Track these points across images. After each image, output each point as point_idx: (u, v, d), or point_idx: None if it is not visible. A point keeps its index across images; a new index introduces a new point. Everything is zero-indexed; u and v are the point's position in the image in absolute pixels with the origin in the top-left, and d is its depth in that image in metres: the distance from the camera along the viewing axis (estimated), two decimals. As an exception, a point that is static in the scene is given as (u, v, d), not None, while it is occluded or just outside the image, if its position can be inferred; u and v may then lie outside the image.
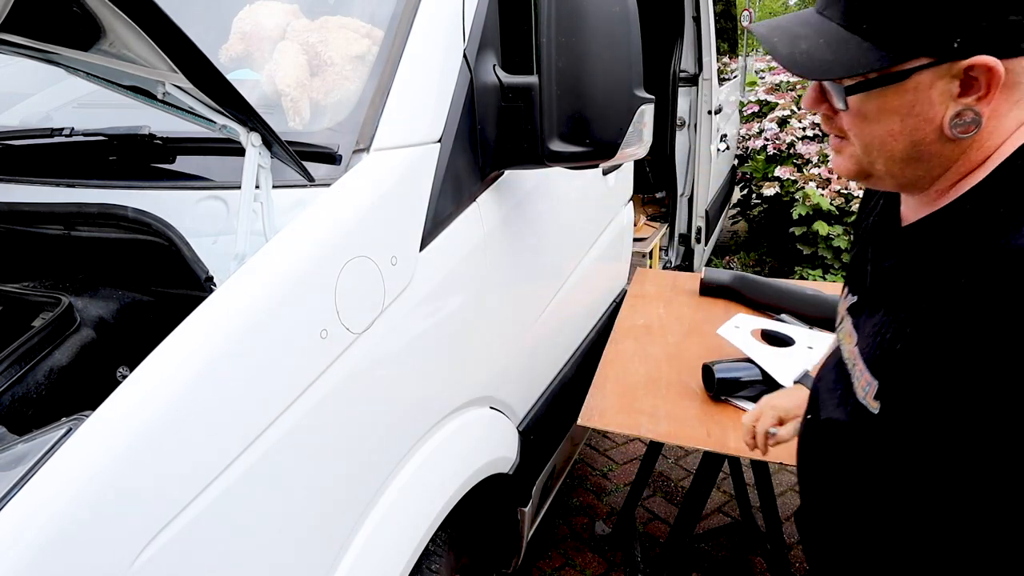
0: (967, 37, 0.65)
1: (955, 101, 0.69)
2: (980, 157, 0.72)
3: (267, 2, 1.37)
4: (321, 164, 1.11)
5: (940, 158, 0.73)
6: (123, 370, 1.07)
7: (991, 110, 0.69)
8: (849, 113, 0.75)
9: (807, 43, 0.74)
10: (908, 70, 0.68)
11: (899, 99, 0.70)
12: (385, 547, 1.08)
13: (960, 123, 0.69)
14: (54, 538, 0.67)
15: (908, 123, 0.71)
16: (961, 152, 0.72)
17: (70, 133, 1.22)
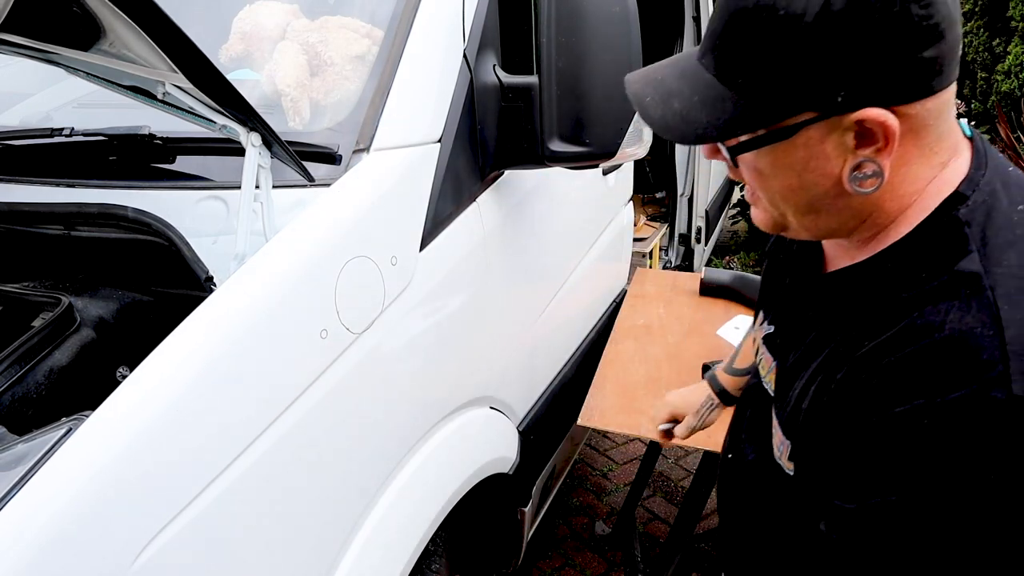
0: (851, 89, 0.60)
1: (853, 154, 0.63)
2: (897, 207, 0.67)
3: (267, 2, 1.37)
4: (321, 164, 1.11)
5: (851, 211, 0.68)
6: (123, 370, 1.08)
7: (899, 158, 0.63)
8: (745, 169, 0.69)
9: (680, 102, 0.67)
10: (793, 126, 0.62)
11: (790, 155, 0.65)
12: (385, 547, 1.08)
13: (861, 176, 0.64)
14: (54, 538, 0.67)
15: (807, 178, 0.66)
16: (872, 203, 0.67)
17: (70, 133, 1.22)
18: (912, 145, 0.63)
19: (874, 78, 0.59)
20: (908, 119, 0.61)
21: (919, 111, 0.61)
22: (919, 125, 0.62)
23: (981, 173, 0.66)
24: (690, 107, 0.66)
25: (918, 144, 0.64)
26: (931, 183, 0.66)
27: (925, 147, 0.64)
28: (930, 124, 0.63)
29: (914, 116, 0.61)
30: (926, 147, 0.64)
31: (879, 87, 0.60)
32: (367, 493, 1.06)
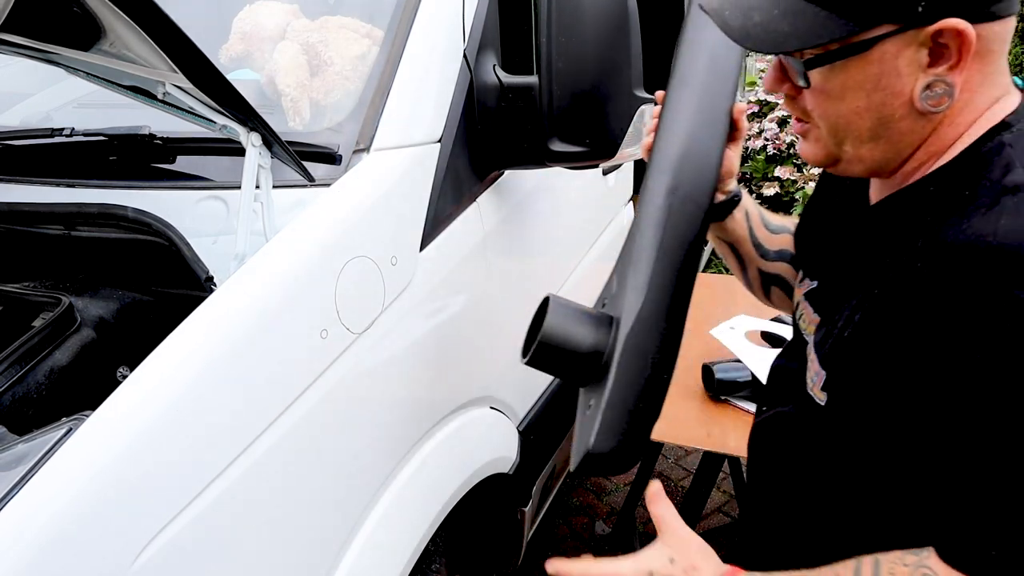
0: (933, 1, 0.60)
1: (924, 72, 0.64)
2: (952, 135, 0.68)
3: (267, 2, 1.37)
4: (321, 164, 1.11)
5: (910, 136, 0.68)
6: (123, 370, 1.08)
7: (964, 81, 0.64)
8: (811, 91, 0.70)
9: (761, 15, 0.68)
10: (871, 39, 0.63)
11: (863, 72, 0.65)
12: (385, 547, 1.08)
13: (932, 95, 0.64)
14: (54, 538, 0.67)
15: (875, 98, 0.66)
16: (932, 129, 0.68)
17: (70, 133, 1.22)
18: (977, 71, 0.64)
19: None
20: (979, 40, 0.62)
21: (988, 33, 0.62)
22: (986, 49, 0.63)
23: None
24: (770, 19, 0.67)
25: (982, 71, 0.65)
26: (983, 113, 0.67)
27: (987, 76, 0.66)
28: (995, 50, 0.64)
29: (983, 38, 0.62)
30: (987, 76, 0.66)
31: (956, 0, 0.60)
32: (367, 493, 1.06)
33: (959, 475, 0.63)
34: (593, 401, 0.87)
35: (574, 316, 0.90)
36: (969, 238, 0.61)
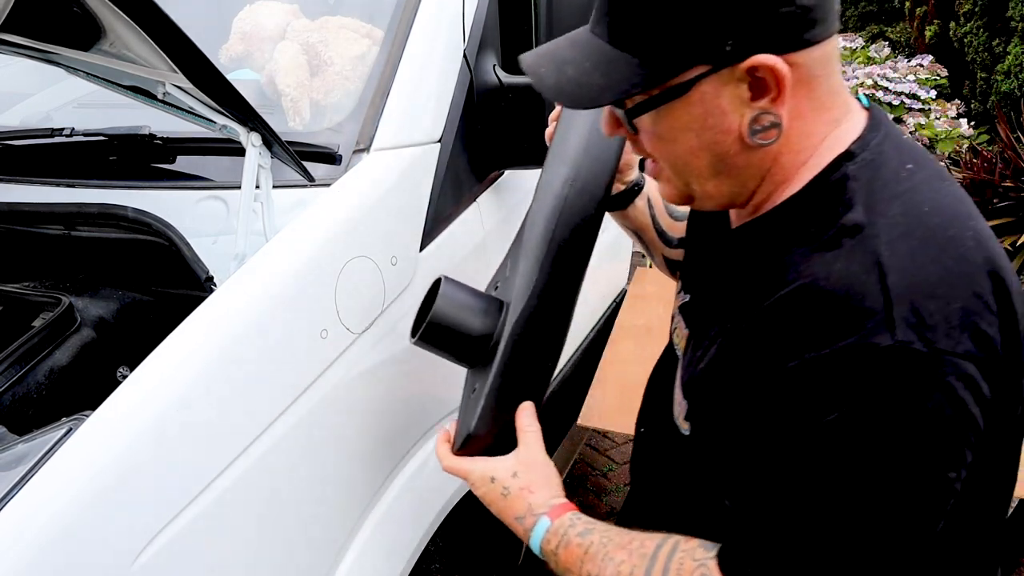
0: (739, 37, 0.59)
1: (749, 106, 0.62)
2: (795, 163, 0.67)
3: (267, 2, 1.38)
4: (321, 164, 1.11)
5: (751, 169, 0.67)
6: (123, 370, 1.08)
7: (793, 110, 0.63)
8: (645, 135, 0.69)
9: (574, 68, 0.66)
10: (688, 82, 0.62)
11: (688, 113, 0.64)
12: (385, 547, 1.08)
13: (760, 129, 0.63)
14: (54, 538, 0.67)
15: (706, 137, 0.65)
16: (772, 159, 0.66)
17: (70, 133, 1.22)
18: (804, 97, 0.63)
19: (759, 24, 0.59)
20: (796, 68, 0.61)
21: (805, 60, 0.61)
22: (808, 75, 0.62)
23: (874, 135, 0.66)
24: (583, 72, 0.66)
25: (810, 97, 0.64)
26: (825, 140, 0.66)
27: (817, 101, 0.64)
28: (819, 75, 0.63)
29: (802, 66, 0.61)
30: (818, 101, 0.64)
31: (765, 33, 0.59)
32: (367, 493, 1.06)
33: (756, 503, 0.65)
34: (478, 385, 0.90)
35: (465, 299, 0.92)
36: (806, 280, 0.61)
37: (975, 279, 0.59)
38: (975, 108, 5.24)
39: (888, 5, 7.07)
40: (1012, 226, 3.98)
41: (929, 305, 0.57)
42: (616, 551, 0.74)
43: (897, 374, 0.56)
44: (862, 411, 0.57)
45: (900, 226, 0.60)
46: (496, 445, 0.88)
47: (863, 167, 0.64)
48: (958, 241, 0.60)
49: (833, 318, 0.58)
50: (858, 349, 0.56)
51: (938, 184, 0.64)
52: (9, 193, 1.23)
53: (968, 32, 5.19)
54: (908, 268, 0.58)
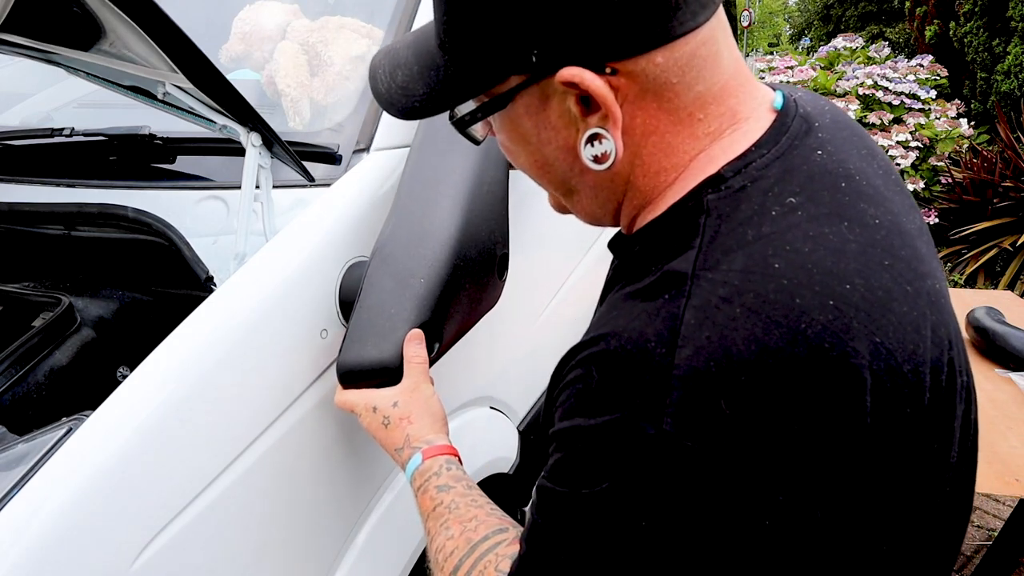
0: (545, 47, 0.50)
1: (584, 122, 0.54)
2: (651, 185, 0.57)
3: (267, 2, 1.37)
4: (321, 164, 1.11)
5: (604, 190, 0.59)
6: (123, 370, 1.08)
7: (644, 125, 0.54)
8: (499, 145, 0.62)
9: (404, 73, 0.60)
10: (507, 93, 0.55)
11: (519, 126, 0.57)
12: (385, 547, 1.08)
13: (595, 149, 0.54)
14: (54, 538, 0.67)
15: (544, 152, 0.58)
16: (624, 182, 0.58)
17: (70, 133, 1.22)
18: (657, 110, 0.53)
19: (568, 30, 0.49)
20: (636, 78, 0.51)
21: (647, 67, 0.51)
22: (657, 85, 0.52)
23: (760, 153, 0.54)
24: (411, 79, 0.59)
25: (665, 108, 0.53)
26: (696, 158, 0.55)
27: (679, 112, 0.54)
28: (674, 83, 0.52)
29: (642, 74, 0.51)
30: (680, 112, 0.54)
31: (576, 41, 0.50)
32: (367, 492, 1.06)
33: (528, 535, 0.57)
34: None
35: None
36: (605, 330, 0.51)
37: (805, 369, 0.46)
38: (975, 108, 5.24)
39: (888, 5, 7.08)
40: (1012, 226, 3.98)
41: (714, 397, 0.46)
42: (455, 523, 0.70)
43: (656, 467, 0.47)
44: (617, 501, 0.48)
45: (727, 287, 0.48)
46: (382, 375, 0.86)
47: (725, 198, 0.52)
48: (801, 314, 0.47)
49: (606, 386, 0.50)
50: (618, 429, 0.48)
51: (821, 229, 0.50)
52: (9, 193, 1.23)
53: (968, 32, 5.20)
54: (709, 345, 0.46)
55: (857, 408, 0.47)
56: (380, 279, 0.91)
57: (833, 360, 0.46)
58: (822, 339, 0.46)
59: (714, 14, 0.52)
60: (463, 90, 0.57)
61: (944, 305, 0.56)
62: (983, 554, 1.86)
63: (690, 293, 0.49)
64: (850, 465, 0.49)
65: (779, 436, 0.46)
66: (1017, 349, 1.68)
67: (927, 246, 0.59)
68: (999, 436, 1.41)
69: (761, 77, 6.06)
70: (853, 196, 0.53)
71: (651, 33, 0.50)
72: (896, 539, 0.54)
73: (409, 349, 0.86)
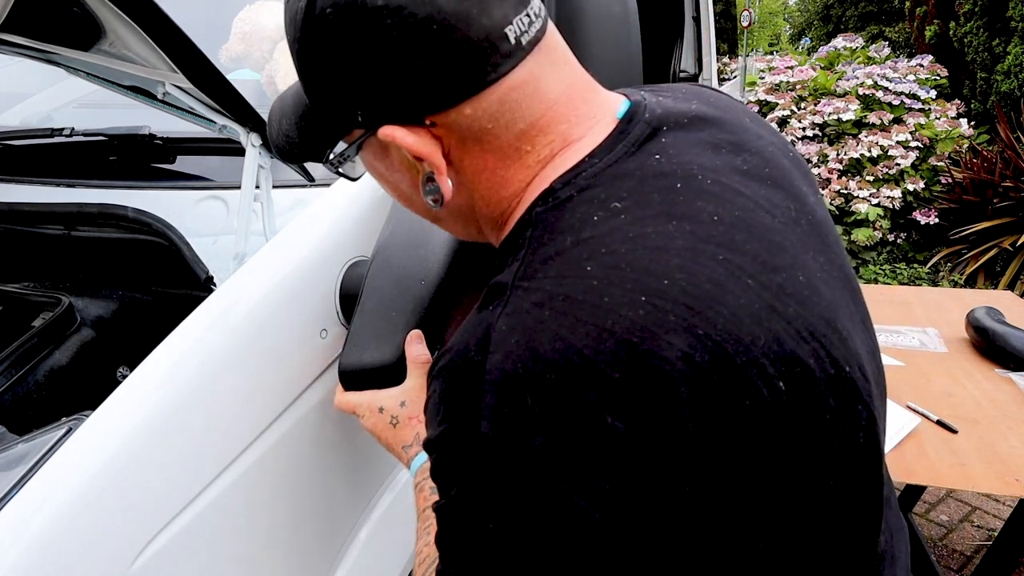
0: (365, 107, 0.57)
1: (420, 165, 0.59)
2: (496, 213, 0.61)
3: (267, 2, 1.38)
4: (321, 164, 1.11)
5: (458, 220, 0.65)
6: (123, 370, 1.08)
7: (471, 167, 0.58)
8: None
9: (287, 122, 0.66)
10: (355, 142, 0.62)
11: (374, 169, 0.65)
12: (385, 547, 1.08)
13: (430, 190, 0.60)
14: (54, 538, 0.67)
15: (401, 190, 0.64)
16: (470, 212, 0.63)
17: (70, 133, 1.22)
18: (481, 152, 0.57)
19: (379, 93, 0.55)
20: (452, 128, 0.56)
21: (458, 119, 0.55)
22: (472, 132, 0.56)
23: (595, 161, 0.56)
24: (290, 126, 0.65)
25: (488, 149, 0.57)
26: (531, 183, 0.58)
27: (503, 150, 0.57)
28: (489, 127, 0.56)
29: (455, 124, 0.56)
30: (505, 149, 0.57)
31: (389, 101, 0.55)
32: (368, 492, 1.06)
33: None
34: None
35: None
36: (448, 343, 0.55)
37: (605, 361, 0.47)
38: (975, 108, 5.24)
39: (888, 5, 7.08)
40: (1012, 226, 3.98)
41: (522, 398, 0.47)
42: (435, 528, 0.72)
43: (486, 467, 0.49)
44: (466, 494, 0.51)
45: (540, 292, 0.50)
46: (383, 377, 0.87)
47: (551, 210, 0.55)
48: (608, 311, 0.48)
49: (444, 395, 0.52)
50: (453, 434, 0.51)
51: (644, 229, 0.51)
52: (9, 193, 1.23)
53: (968, 32, 5.20)
54: (516, 348, 0.48)
55: (670, 399, 0.47)
56: (380, 281, 0.91)
57: (641, 354, 0.47)
58: (631, 334, 0.47)
59: (528, 55, 0.55)
60: (322, 139, 0.64)
61: (810, 298, 0.54)
62: (983, 554, 1.86)
63: (506, 302, 0.51)
64: (673, 457, 0.48)
65: (589, 430, 0.46)
66: (1017, 349, 1.67)
67: (802, 238, 0.58)
68: (999, 436, 1.41)
69: (761, 77, 6.06)
70: (690, 195, 0.54)
71: (454, 89, 0.54)
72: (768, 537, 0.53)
73: (412, 350, 0.87)
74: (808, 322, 0.53)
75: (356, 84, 0.55)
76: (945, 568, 2.13)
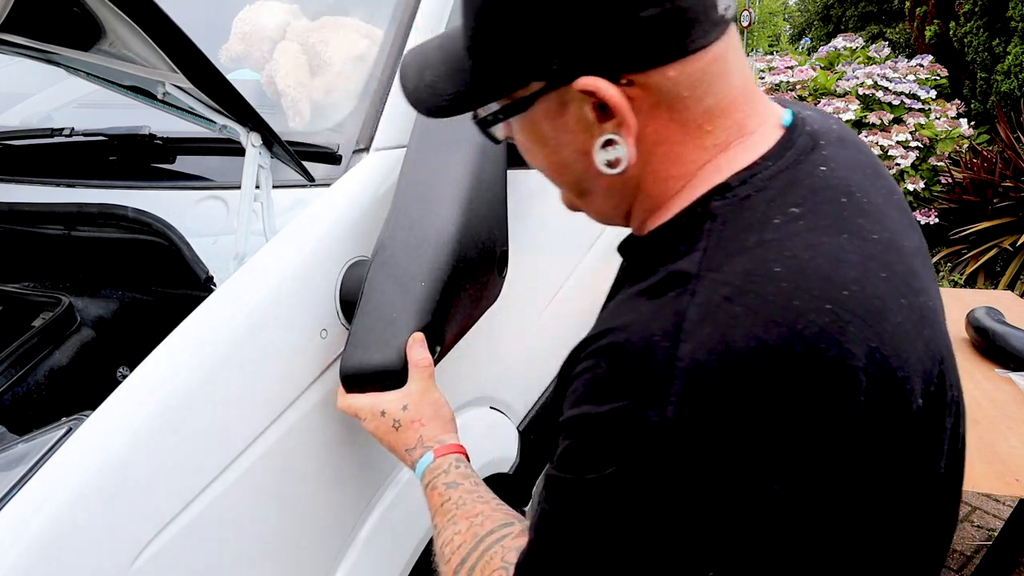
0: (565, 56, 0.54)
1: (598, 128, 0.57)
2: (661, 192, 0.60)
3: (267, 2, 1.37)
4: (321, 164, 1.11)
5: (616, 193, 0.62)
6: (123, 370, 1.08)
7: (655, 134, 0.57)
8: (517, 144, 0.65)
9: (433, 73, 0.63)
10: (528, 97, 0.58)
11: (537, 129, 0.61)
12: (385, 547, 1.08)
13: (608, 154, 0.57)
14: (54, 538, 0.67)
15: (561, 154, 0.61)
16: (635, 187, 0.61)
17: (70, 133, 1.22)
18: (668, 120, 0.56)
19: (587, 42, 0.53)
20: (650, 90, 0.55)
21: (660, 80, 0.54)
22: (671, 96, 0.55)
23: (769, 164, 0.57)
24: (439, 78, 0.63)
25: (676, 119, 0.56)
26: (703, 168, 0.58)
27: (688, 124, 0.57)
28: (685, 96, 0.55)
29: (656, 86, 0.54)
30: (690, 124, 0.57)
31: (595, 53, 0.53)
32: (368, 492, 1.06)
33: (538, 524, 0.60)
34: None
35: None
36: (614, 324, 0.55)
37: (799, 366, 0.49)
38: (975, 108, 5.24)
39: (888, 5, 7.08)
40: (1012, 226, 3.98)
41: (714, 389, 0.49)
42: (462, 518, 0.74)
43: (660, 453, 0.50)
44: (627, 474, 0.51)
45: (729, 287, 0.51)
46: (385, 379, 0.87)
47: (729, 206, 0.56)
48: (799, 315, 0.49)
49: (615, 375, 0.53)
50: (624, 416, 0.51)
51: (821, 238, 0.53)
52: (9, 193, 1.23)
53: (968, 32, 5.20)
54: (710, 340, 0.49)
55: (852, 407, 0.50)
56: (381, 282, 0.91)
57: (829, 360, 0.49)
58: (818, 340, 0.49)
59: (725, 33, 0.56)
60: (487, 93, 0.61)
61: (937, 322, 0.59)
62: (983, 554, 1.86)
63: (694, 292, 0.52)
64: (843, 461, 0.51)
65: (775, 427, 0.49)
66: (1017, 349, 1.67)
67: (923, 266, 0.61)
68: (999, 436, 1.41)
69: (761, 77, 6.05)
70: (853, 211, 0.56)
71: (665, 48, 0.53)
72: (882, 541, 0.57)
73: (414, 354, 0.87)
74: (937, 345, 0.58)
75: (561, 32, 0.53)
76: (945, 568, 2.13)
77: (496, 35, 0.56)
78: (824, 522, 0.53)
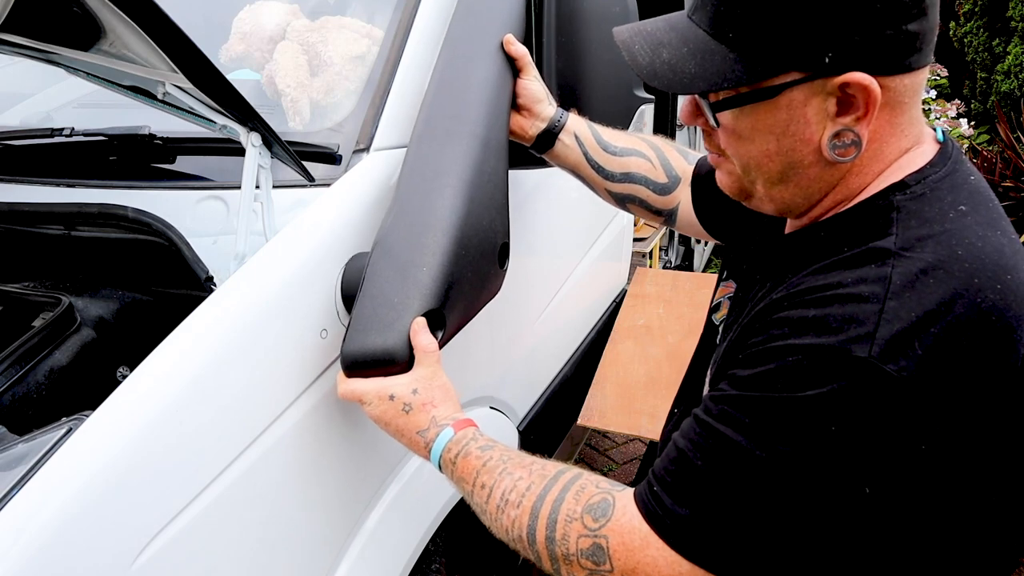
0: (839, 51, 0.60)
1: (833, 121, 0.64)
2: (859, 184, 0.68)
3: (267, 2, 1.37)
4: (321, 164, 1.11)
5: (819, 182, 0.68)
6: (123, 370, 1.08)
7: (872, 132, 0.64)
8: (723, 130, 0.69)
9: (669, 52, 0.67)
10: (779, 86, 0.63)
11: (772, 117, 0.65)
12: (385, 547, 1.08)
13: (840, 145, 0.64)
14: (54, 538, 0.67)
15: (784, 143, 0.66)
16: (840, 177, 0.68)
17: (70, 133, 1.22)
18: (886, 121, 0.65)
19: (861, 42, 0.60)
20: (887, 92, 0.62)
21: (898, 85, 0.63)
22: (896, 100, 0.64)
23: (934, 171, 0.67)
24: (679, 58, 0.67)
25: (892, 122, 0.65)
26: (890, 167, 0.67)
27: (897, 127, 0.66)
28: (905, 102, 0.64)
29: (893, 90, 0.63)
30: (897, 127, 0.66)
31: (865, 52, 0.60)
32: (367, 492, 1.06)
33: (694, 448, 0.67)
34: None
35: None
36: (817, 283, 0.64)
37: (977, 331, 0.60)
38: (975, 108, 5.24)
39: (888, 5, 7.07)
40: (1012, 226, 3.97)
41: (912, 338, 0.59)
42: (516, 468, 0.78)
43: (863, 385, 0.59)
44: (825, 398, 0.60)
45: (923, 262, 0.61)
46: (388, 363, 0.87)
47: (911, 200, 0.65)
48: (978, 290, 0.60)
49: (827, 316, 0.61)
50: (836, 350, 0.60)
51: (986, 232, 0.64)
52: (9, 193, 1.23)
53: (968, 32, 5.19)
54: (910, 301, 0.60)
55: (1012, 369, 0.61)
56: (382, 268, 0.91)
57: (999, 329, 0.60)
58: (992, 311, 0.60)
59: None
60: (738, 77, 0.64)
61: None
62: None
63: (894, 265, 0.62)
64: (998, 415, 0.62)
65: (956, 375, 0.59)
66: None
67: None
68: None
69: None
70: (998, 214, 0.68)
71: (912, 58, 0.62)
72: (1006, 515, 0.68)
73: (420, 339, 0.88)
74: None
75: (841, 28, 0.59)
76: None
77: (764, 25, 0.61)
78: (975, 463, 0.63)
